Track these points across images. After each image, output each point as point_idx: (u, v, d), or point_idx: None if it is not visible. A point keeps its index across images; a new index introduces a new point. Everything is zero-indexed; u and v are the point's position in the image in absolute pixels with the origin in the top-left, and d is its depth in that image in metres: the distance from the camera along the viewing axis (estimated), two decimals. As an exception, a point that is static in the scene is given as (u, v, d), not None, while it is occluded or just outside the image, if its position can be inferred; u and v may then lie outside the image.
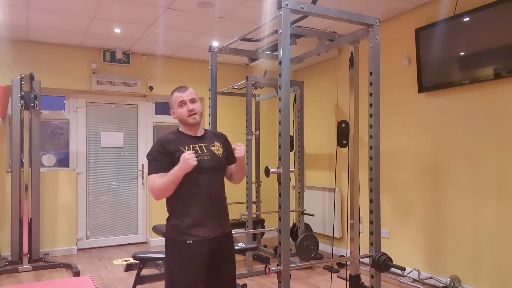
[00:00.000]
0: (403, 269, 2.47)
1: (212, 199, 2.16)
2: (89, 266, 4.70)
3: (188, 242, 2.08)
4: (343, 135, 4.11)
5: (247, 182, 4.54)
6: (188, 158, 2.00)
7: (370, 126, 2.47)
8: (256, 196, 5.39)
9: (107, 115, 5.75)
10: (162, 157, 2.10)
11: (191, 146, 2.16)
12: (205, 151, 2.18)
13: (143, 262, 3.48)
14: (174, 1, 3.84)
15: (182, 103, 2.18)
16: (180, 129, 2.25)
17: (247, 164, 4.54)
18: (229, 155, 2.28)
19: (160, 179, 2.06)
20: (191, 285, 2.10)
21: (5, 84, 4.80)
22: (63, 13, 4.16)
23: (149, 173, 2.11)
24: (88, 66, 5.43)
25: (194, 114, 2.17)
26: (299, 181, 4.69)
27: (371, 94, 2.47)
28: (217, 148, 2.24)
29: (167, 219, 2.17)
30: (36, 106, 4.68)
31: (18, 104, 4.62)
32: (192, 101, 2.19)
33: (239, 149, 2.18)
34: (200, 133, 2.24)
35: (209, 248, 2.12)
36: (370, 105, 2.47)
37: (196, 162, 2.02)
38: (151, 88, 5.74)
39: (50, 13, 4.17)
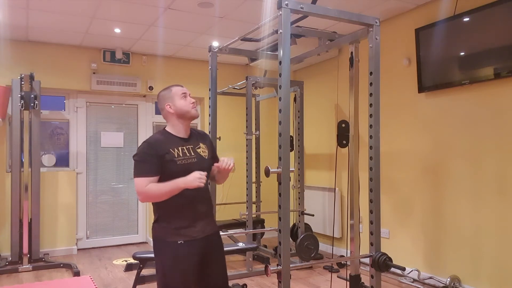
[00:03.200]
0: (403, 269, 2.47)
1: (200, 200, 2.17)
2: (89, 266, 4.70)
3: (179, 242, 2.07)
4: (343, 135, 4.11)
5: (247, 182, 4.54)
6: (200, 178, 1.99)
7: (370, 126, 2.47)
8: (256, 196, 5.39)
9: (107, 115, 5.75)
10: (152, 159, 2.04)
11: (180, 148, 2.13)
12: (192, 154, 2.15)
13: (143, 262, 3.48)
14: (174, 1, 3.84)
15: (184, 95, 2.20)
16: (167, 129, 2.20)
17: (247, 164, 4.54)
18: (213, 157, 2.30)
19: (155, 185, 2.02)
20: (185, 285, 2.09)
21: (5, 84, 4.79)
22: (63, 13, 4.16)
23: (137, 175, 2.03)
24: (88, 66, 5.43)
25: (195, 107, 2.21)
26: (299, 181, 4.69)
27: (371, 94, 2.47)
28: (203, 150, 2.22)
29: (155, 221, 2.13)
30: (36, 106, 4.67)
31: (18, 104, 4.62)
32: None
33: (229, 163, 2.17)
34: (188, 133, 2.22)
35: (200, 248, 2.12)
36: (370, 105, 2.47)
37: (203, 185, 2.01)
38: (151, 88, 5.74)
39: (50, 13, 4.17)
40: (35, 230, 4.70)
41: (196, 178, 1.99)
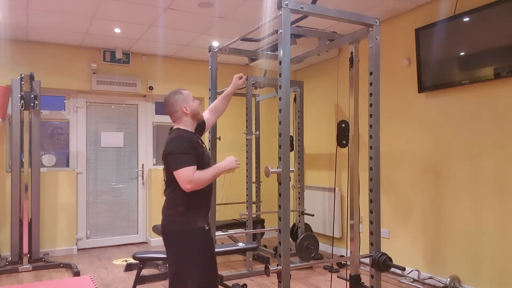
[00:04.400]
0: (403, 269, 2.47)
1: (212, 188, 2.40)
2: (89, 266, 4.70)
3: (206, 228, 2.25)
4: (343, 135, 4.11)
5: (247, 182, 4.54)
6: (236, 160, 2.27)
7: (370, 126, 2.47)
8: (256, 196, 5.39)
9: (107, 115, 5.75)
10: (192, 151, 2.20)
11: (199, 141, 2.34)
12: (204, 146, 2.37)
13: (143, 262, 3.48)
14: (174, 1, 3.84)
15: (192, 98, 2.39)
16: (183, 127, 2.33)
17: (247, 164, 4.54)
18: None
19: (200, 173, 2.16)
20: (215, 267, 2.30)
21: (5, 84, 4.79)
22: (63, 13, 4.16)
23: (181, 166, 2.13)
24: (88, 66, 5.43)
25: None
26: (299, 181, 4.69)
27: (371, 94, 2.47)
28: (203, 143, 2.44)
29: (182, 212, 2.21)
30: (36, 106, 4.68)
31: (18, 104, 4.62)
32: None
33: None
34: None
35: None
36: (370, 105, 2.47)
37: (239, 167, 2.31)
38: (151, 88, 5.74)
39: (50, 13, 4.17)
40: (35, 230, 4.70)
41: (233, 161, 2.27)
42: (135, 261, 4.29)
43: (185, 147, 2.18)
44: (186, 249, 2.19)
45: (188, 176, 2.11)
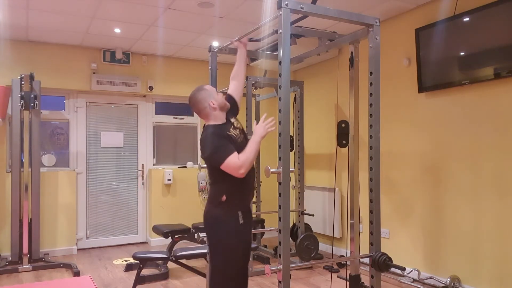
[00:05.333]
0: (403, 269, 2.46)
1: (254, 174, 2.44)
2: (89, 266, 4.70)
3: (240, 215, 2.31)
4: (343, 135, 4.11)
5: (247, 182, 4.53)
6: (265, 125, 2.26)
7: (370, 126, 2.47)
8: (256, 196, 5.39)
9: (107, 115, 5.75)
10: (227, 140, 2.26)
11: (231, 129, 2.34)
12: (238, 133, 2.38)
13: (143, 262, 3.49)
14: (174, 1, 3.84)
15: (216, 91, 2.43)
16: (213, 123, 2.35)
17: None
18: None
19: (243, 154, 2.20)
20: (247, 257, 2.40)
21: (5, 84, 4.80)
22: (63, 13, 4.16)
23: (225, 156, 2.18)
24: (88, 66, 5.43)
25: None
26: (299, 181, 4.69)
27: (371, 94, 2.47)
28: (238, 124, 2.45)
29: (221, 201, 2.29)
30: (36, 106, 4.68)
31: (18, 104, 4.62)
32: None
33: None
34: (224, 120, 2.41)
35: (251, 218, 2.43)
36: (370, 105, 2.47)
37: (274, 128, 2.27)
38: (151, 88, 5.74)
39: (50, 13, 4.17)
40: (35, 230, 4.70)
41: (261, 128, 2.26)
42: (135, 261, 4.30)
43: (218, 142, 2.23)
44: (218, 234, 2.29)
45: (235, 163, 2.17)
